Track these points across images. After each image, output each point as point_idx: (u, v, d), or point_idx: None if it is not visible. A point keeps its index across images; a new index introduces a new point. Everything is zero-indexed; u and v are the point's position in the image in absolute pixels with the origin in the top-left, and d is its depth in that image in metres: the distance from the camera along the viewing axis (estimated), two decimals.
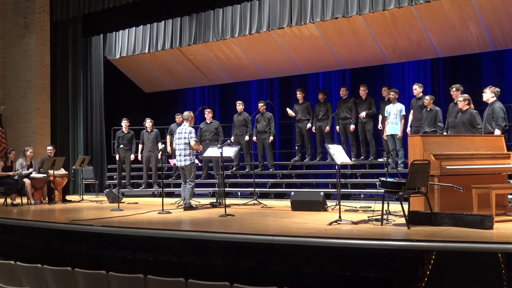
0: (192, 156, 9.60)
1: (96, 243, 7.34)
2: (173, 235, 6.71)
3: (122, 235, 7.08)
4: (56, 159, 11.90)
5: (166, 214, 8.99)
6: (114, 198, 11.16)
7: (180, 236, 6.66)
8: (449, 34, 11.11)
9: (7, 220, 8.68)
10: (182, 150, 9.61)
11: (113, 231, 7.23)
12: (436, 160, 7.14)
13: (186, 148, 9.56)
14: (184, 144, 9.58)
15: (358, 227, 6.77)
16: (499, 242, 5.30)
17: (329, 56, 12.75)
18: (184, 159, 9.59)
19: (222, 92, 16.01)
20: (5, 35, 15.34)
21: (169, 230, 6.87)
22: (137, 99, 16.45)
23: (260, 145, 12.49)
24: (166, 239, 6.72)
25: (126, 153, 13.13)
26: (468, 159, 7.48)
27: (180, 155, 9.63)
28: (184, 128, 9.69)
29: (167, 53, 14.42)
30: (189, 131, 9.59)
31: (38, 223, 8.18)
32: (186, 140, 9.56)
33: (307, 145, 12.39)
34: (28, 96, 14.78)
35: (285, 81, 14.67)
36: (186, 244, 6.58)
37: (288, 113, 12.32)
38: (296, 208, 9.02)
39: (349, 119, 11.74)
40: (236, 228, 7.02)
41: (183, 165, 9.62)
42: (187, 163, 9.58)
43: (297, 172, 12.57)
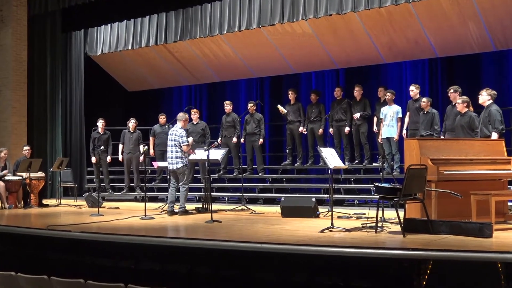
0: (184, 158, 9.60)
1: (74, 250, 7.31)
2: (156, 242, 6.69)
3: (102, 242, 7.05)
4: (32, 160, 11.84)
5: (149, 219, 8.97)
6: (94, 203, 11.11)
7: (163, 243, 6.64)
8: (447, 33, 11.17)
9: None
10: (173, 153, 9.60)
11: (92, 237, 7.19)
12: (433, 165, 7.18)
13: (178, 151, 9.56)
14: (175, 146, 9.58)
15: (351, 235, 6.79)
16: (498, 252, 5.33)
17: (322, 55, 12.78)
18: (176, 161, 9.58)
19: (209, 91, 15.99)
20: None
21: (152, 237, 6.85)
22: (119, 98, 16.40)
23: (249, 147, 12.49)
24: (148, 246, 6.70)
25: (102, 154, 13.10)
26: (467, 164, 7.53)
27: (172, 157, 9.62)
28: (175, 130, 9.68)
29: (151, 49, 14.38)
30: (180, 135, 9.58)
31: (13, 228, 8.12)
32: (177, 142, 9.56)
33: (299, 148, 12.41)
34: (3, 94, 14.68)
35: (276, 81, 14.68)
36: (170, 252, 6.57)
37: (280, 110, 12.29)
38: (286, 215, 9.03)
39: (343, 121, 11.77)
40: (223, 235, 7.01)
41: (175, 168, 9.61)
42: (179, 166, 9.57)
43: (288, 176, 12.58)
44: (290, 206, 9.10)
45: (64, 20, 15.15)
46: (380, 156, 10.11)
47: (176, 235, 7.25)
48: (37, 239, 7.68)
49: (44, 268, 7.10)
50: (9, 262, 7.73)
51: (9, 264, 7.50)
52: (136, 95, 16.49)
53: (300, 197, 10.28)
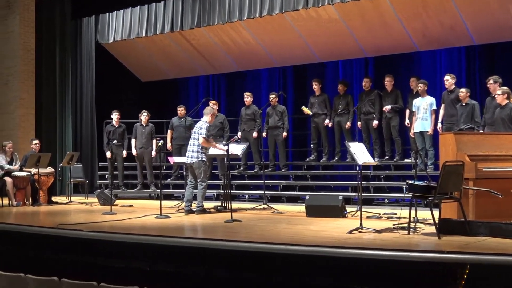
0: (202, 153, 9.62)
1: (85, 251, 7.36)
2: (172, 243, 6.71)
3: (115, 242, 7.09)
4: (41, 155, 11.94)
5: (164, 218, 9.01)
6: (106, 200, 11.19)
7: (180, 244, 6.66)
8: (486, 19, 11.04)
9: None
10: (191, 146, 9.67)
11: (104, 237, 7.24)
12: (471, 161, 7.11)
13: (195, 144, 9.60)
14: (193, 139, 9.66)
15: (381, 236, 6.76)
16: None
17: (350, 42, 12.72)
18: (191, 155, 9.62)
19: (228, 82, 16.01)
20: None
21: (168, 237, 6.87)
22: (132, 89, 16.48)
23: (271, 142, 12.48)
24: (164, 247, 6.72)
25: (117, 149, 13.15)
26: (508, 160, 7.44)
27: (189, 151, 9.69)
28: (200, 122, 9.73)
29: (166, 37, 14.43)
30: (200, 126, 9.63)
31: (21, 227, 8.21)
32: (196, 135, 9.64)
33: (324, 142, 12.38)
34: (10, 84, 14.83)
35: (299, 70, 14.65)
36: (186, 253, 6.59)
37: (304, 111, 12.29)
38: (311, 214, 9.01)
39: (372, 114, 11.71)
40: (243, 235, 7.02)
41: (190, 162, 9.65)
42: (194, 160, 9.60)
43: (313, 173, 12.56)
44: (315, 205, 9.08)
45: (74, 6, 15.27)
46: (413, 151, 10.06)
47: (193, 236, 7.27)
48: (47, 239, 7.76)
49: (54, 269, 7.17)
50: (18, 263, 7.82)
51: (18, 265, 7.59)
52: (150, 86, 16.56)
53: (326, 196, 10.27)
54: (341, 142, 11.92)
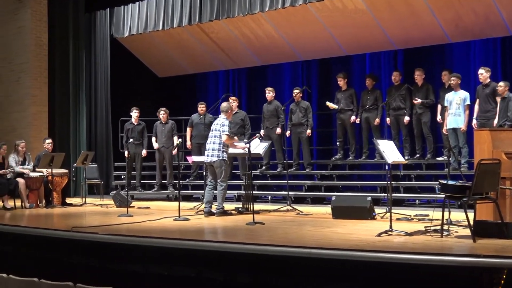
0: (223, 152, 9.64)
1: (101, 254, 7.42)
2: (191, 246, 6.74)
3: (132, 246, 7.14)
4: (54, 155, 12.04)
5: (183, 221, 9.05)
6: (122, 202, 11.26)
7: (199, 248, 6.69)
8: None
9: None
10: (211, 144, 9.68)
11: (121, 240, 7.29)
12: (508, 160, 7.04)
13: (216, 142, 9.62)
14: (214, 137, 9.67)
15: (412, 239, 6.72)
16: None
17: (377, 34, 12.66)
18: (212, 154, 9.64)
19: (249, 76, 16.02)
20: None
21: (187, 240, 6.90)
22: (149, 84, 16.56)
23: (295, 140, 12.46)
24: (183, 250, 6.75)
25: (136, 148, 13.20)
26: None
27: (209, 149, 9.70)
28: (220, 119, 9.75)
29: (184, 30, 14.48)
30: (222, 123, 9.65)
31: (34, 230, 8.29)
32: (217, 132, 9.64)
33: (351, 140, 12.34)
34: (22, 81, 14.97)
35: (324, 64, 14.62)
36: (206, 257, 6.61)
37: (329, 107, 12.27)
38: (337, 216, 8.99)
39: (402, 109, 11.65)
40: (266, 238, 7.02)
41: (211, 161, 9.67)
42: (214, 159, 9.62)
43: (339, 172, 12.53)
44: (342, 206, 9.06)
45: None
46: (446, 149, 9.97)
47: (214, 239, 7.29)
48: (61, 242, 7.83)
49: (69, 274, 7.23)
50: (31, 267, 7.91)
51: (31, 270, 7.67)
52: (168, 81, 16.62)
53: (353, 196, 10.25)
54: (369, 139, 11.87)
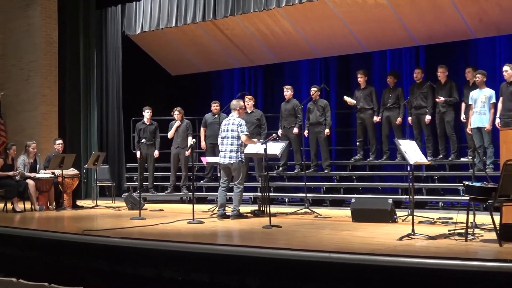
0: (240, 153, 9.65)
1: (113, 258, 7.44)
2: (206, 250, 6.74)
3: (145, 249, 7.16)
4: (65, 156, 12.09)
5: (197, 224, 9.06)
6: (135, 204, 11.30)
7: (214, 252, 6.69)
8: None
9: (7, 229, 8.88)
10: (228, 146, 9.67)
11: (133, 244, 7.31)
12: None
13: (234, 143, 9.62)
14: (231, 138, 9.64)
15: (436, 243, 6.70)
16: None
17: (398, 30, 12.62)
18: (230, 156, 9.64)
19: (265, 74, 16.03)
20: (4, 6, 15.68)
21: (202, 244, 6.91)
22: (161, 83, 16.60)
23: (313, 140, 12.44)
24: (197, 254, 6.76)
25: (148, 149, 13.24)
26: None
27: (226, 150, 9.69)
28: (232, 119, 9.74)
29: (198, 27, 14.50)
30: (239, 123, 9.65)
31: (44, 233, 8.34)
32: (234, 133, 9.62)
33: (371, 140, 12.30)
34: (32, 80, 15.08)
35: (343, 61, 14.60)
36: (221, 261, 6.61)
37: (347, 102, 12.24)
38: (357, 219, 8.97)
39: (424, 108, 11.60)
40: (283, 242, 7.02)
41: (228, 163, 9.67)
42: (233, 161, 9.63)
43: (359, 173, 12.49)
44: (362, 209, 9.04)
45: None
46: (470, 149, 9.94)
47: (229, 242, 7.29)
48: (71, 246, 7.87)
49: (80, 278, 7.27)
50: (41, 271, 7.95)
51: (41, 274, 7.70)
52: (181, 80, 16.66)
53: (374, 199, 10.22)
54: (390, 139, 11.83)
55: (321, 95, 12.69)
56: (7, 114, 15.47)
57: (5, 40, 15.72)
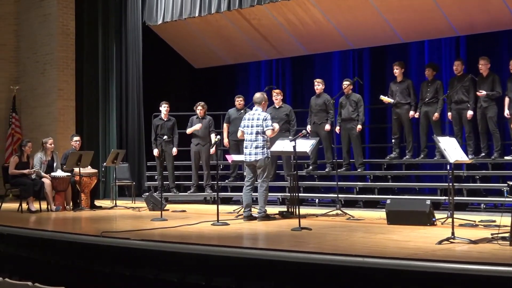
0: (266, 149, 9.65)
1: (133, 262, 7.49)
2: (231, 254, 6.75)
3: (166, 252, 7.19)
4: (82, 153, 12.18)
5: (222, 226, 9.08)
6: (156, 205, 11.34)
7: (240, 255, 6.70)
8: None
9: (22, 230, 8.98)
10: (253, 142, 9.67)
11: (154, 246, 7.35)
12: None
13: (258, 139, 9.61)
14: (256, 134, 9.64)
15: (478, 248, 6.65)
16: None
17: (437, 19, 12.53)
18: (255, 152, 9.64)
19: (294, 67, 16.01)
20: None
21: (227, 247, 6.92)
22: (184, 76, 16.66)
23: (345, 137, 12.40)
24: (222, 258, 6.77)
25: (166, 146, 13.25)
26: None
27: (251, 147, 9.69)
28: (257, 113, 9.74)
29: (223, 17, 14.53)
30: (264, 117, 9.65)
31: (61, 235, 8.41)
32: (259, 128, 9.62)
33: (408, 137, 12.22)
34: (48, 73, 15.21)
35: (378, 53, 14.57)
36: (248, 266, 6.62)
37: (384, 101, 12.17)
38: (393, 221, 8.93)
39: (465, 102, 11.51)
40: (313, 246, 7.01)
41: (253, 161, 9.67)
42: (259, 157, 9.63)
43: (394, 173, 12.44)
44: (398, 211, 8.99)
45: None
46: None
47: (255, 245, 7.29)
48: (89, 248, 7.93)
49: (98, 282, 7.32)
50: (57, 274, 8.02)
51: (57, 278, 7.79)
52: (205, 73, 16.70)
53: (410, 200, 10.17)
54: (428, 136, 11.75)
55: (353, 89, 12.64)
56: (22, 109, 15.64)
57: (20, 32, 15.88)
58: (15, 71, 15.91)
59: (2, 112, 15.74)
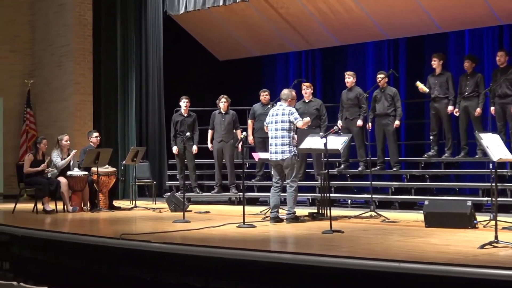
0: (293, 146, 9.63)
1: (154, 266, 7.52)
2: (258, 258, 6.75)
3: (189, 256, 7.20)
4: (100, 151, 12.22)
5: (248, 228, 9.09)
6: (178, 205, 11.38)
7: (268, 259, 6.70)
8: None
9: (37, 232, 9.03)
10: (278, 139, 9.65)
11: (177, 250, 7.36)
12: None
13: (285, 136, 9.59)
14: (281, 130, 9.62)
15: None
16: None
17: (479, 7, 12.45)
18: (282, 150, 9.61)
19: (325, 59, 16.00)
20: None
21: (253, 251, 6.92)
22: (208, 69, 16.68)
23: (380, 133, 12.35)
24: (248, 262, 6.78)
25: (188, 143, 13.24)
26: None
27: (276, 145, 9.67)
28: (281, 108, 9.72)
29: (249, 5, 14.53)
30: (289, 111, 9.62)
31: (77, 237, 8.46)
32: (285, 124, 9.60)
33: (447, 134, 12.16)
34: (64, 66, 15.32)
35: (415, 43, 14.53)
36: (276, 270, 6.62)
37: (419, 88, 12.09)
38: (431, 224, 8.88)
39: (510, 96, 11.42)
40: (345, 250, 7.01)
41: (280, 159, 9.66)
42: (286, 156, 9.61)
43: (433, 172, 12.37)
44: (437, 213, 8.95)
45: None
46: None
47: (284, 249, 7.28)
48: (108, 251, 7.96)
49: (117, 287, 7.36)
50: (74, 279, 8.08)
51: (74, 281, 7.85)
52: (229, 65, 16.71)
53: (450, 201, 10.13)
54: (469, 132, 11.67)
55: (389, 82, 12.57)
56: (37, 104, 15.78)
57: (34, 23, 16.02)
58: (30, 64, 16.05)
59: (16, 107, 15.90)
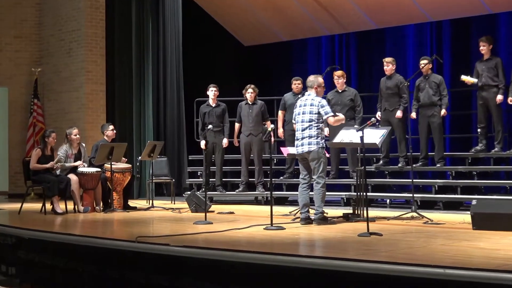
0: (320, 138, 9.59)
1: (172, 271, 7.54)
2: (287, 263, 6.75)
3: (211, 261, 7.21)
4: (114, 145, 12.24)
5: (276, 230, 9.08)
6: (199, 205, 11.40)
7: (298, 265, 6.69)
8: None
9: (46, 234, 9.10)
10: (305, 131, 9.62)
11: (197, 254, 7.37)
12: None
13: (312, 127, 9.56)
14: (308, 121, 9.59)
15: None
16: None
17: None
18: (308, 142, 9.58)
19: (361, 44, 15.96)
20: None
21: (281, 255, 6.91)
22: (231, 56, 16.69)
23: (424, 126, 12.26)
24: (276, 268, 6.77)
25: (216, 137, 13.26)
26: None
27: (302, 137, 9.66)
28: (310, 98, 9.69)
29: None
30: (319, 103, 9.59)
31: (90, 240, 8.50)
32: (313, 116, 9.57)
33: (497, 126, 12.06)
34: (74, 53, 15.38)
35: (460, 26, 14.49)
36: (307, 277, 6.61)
37: (466, 82, 11.99)
38: (479, 226, 8.83)
39: None
40: (384, 254, 6.98)
41: (305, 152, 9.62)
42: (313, 148, 9.57)
43: (481, 168, 12.31)
44: (486, 213, 8.89)
45: None
46: None
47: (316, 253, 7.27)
48: (122, 255, 8.00)
49: None
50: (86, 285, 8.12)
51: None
52: (255, 51, 16.71)
53: (500, 200, 10.08)
54: None
55: (432, 69, 12.48)
56: (45, 95, 15.87)
57: (43, 6, 16.10)
58: (37, 51, 16.13)
59: (22, 98, 16.01)
